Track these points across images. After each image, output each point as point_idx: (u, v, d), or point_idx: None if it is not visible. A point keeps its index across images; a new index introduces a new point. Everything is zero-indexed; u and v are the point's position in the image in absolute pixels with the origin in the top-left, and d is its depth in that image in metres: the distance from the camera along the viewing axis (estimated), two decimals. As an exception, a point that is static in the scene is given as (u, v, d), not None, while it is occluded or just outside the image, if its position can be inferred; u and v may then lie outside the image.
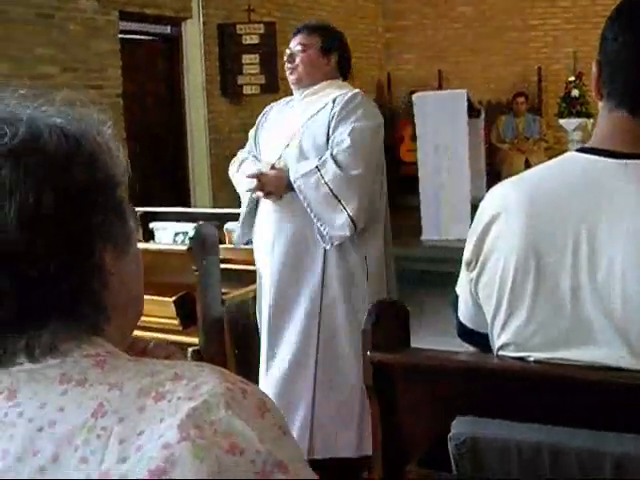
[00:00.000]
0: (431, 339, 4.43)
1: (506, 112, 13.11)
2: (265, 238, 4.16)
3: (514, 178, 1.92)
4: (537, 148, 12.53)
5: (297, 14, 12.04)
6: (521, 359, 1.79)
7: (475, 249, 1.86)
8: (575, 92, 12.46)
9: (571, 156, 1.85)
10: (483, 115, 11.52)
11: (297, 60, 4.17)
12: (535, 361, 1.77)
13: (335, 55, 4.22)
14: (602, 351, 1.68)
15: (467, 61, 13.78)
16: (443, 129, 9.98)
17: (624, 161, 1.74)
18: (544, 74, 13.66)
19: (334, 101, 4.06)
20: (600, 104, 1.87)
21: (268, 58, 10.87)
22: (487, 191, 1.91)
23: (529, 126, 12.80)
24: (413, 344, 1.98)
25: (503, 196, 1.86)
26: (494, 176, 11.91)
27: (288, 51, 4.25)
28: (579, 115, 12.34)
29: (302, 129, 4.09)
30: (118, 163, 1.15)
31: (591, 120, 11.45)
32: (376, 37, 14.14)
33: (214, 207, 10.10)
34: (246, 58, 10.82)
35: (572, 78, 12.57)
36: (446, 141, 10.02)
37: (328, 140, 4.01)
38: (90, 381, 1.02)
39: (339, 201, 3.94)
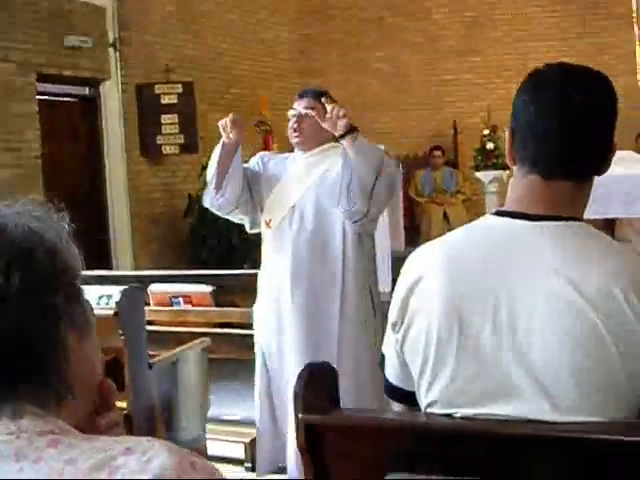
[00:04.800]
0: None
1: (423, 166, 13.30)
2: (278, 285, 4.50)
3: (435, 241, 2.00)
4: (455, 201, 12.74)
5: (214, 73, 12.13)
6: (448, 415, 1.85)
7: (400, 311, 1.93)
8: (490, 145, 12.69)
9: (488, 219, 1.94)
10: (401, 169, 11.67)
11: (304, 122, 4.63)
12: (461, 417, 1.83)
13: None
14: (525, 406, 1.75)
15: (384, 116, 13.97)
16: (362, 183, 10.05)
17: (539, 223, 1.83)
18: (459, 128, 13.85)
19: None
20: (514, 168, 1.97)
21: (187, 117, 10.91)
22: (406, 244, 1.98)
23: (446, 179, 12.99)
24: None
25: (425, 259, 1.94)
26: (413, 230, 12.08)
27: (293, 112, 4.69)
28: (495, 167, 12.57)
29: (317, 182, 4.55)
30: (76, 259, 1.25)
31: (507, 172, 11.63)
32: (292, 95, 14.21)
33: (136, 268, 10.04)
34: (165, 118, 10.82)
35: (487, 131, 12.80)
36: (365, 195, 10.09)
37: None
38: (45, 459, 1.06)
39: (376, 177, 4.36)
